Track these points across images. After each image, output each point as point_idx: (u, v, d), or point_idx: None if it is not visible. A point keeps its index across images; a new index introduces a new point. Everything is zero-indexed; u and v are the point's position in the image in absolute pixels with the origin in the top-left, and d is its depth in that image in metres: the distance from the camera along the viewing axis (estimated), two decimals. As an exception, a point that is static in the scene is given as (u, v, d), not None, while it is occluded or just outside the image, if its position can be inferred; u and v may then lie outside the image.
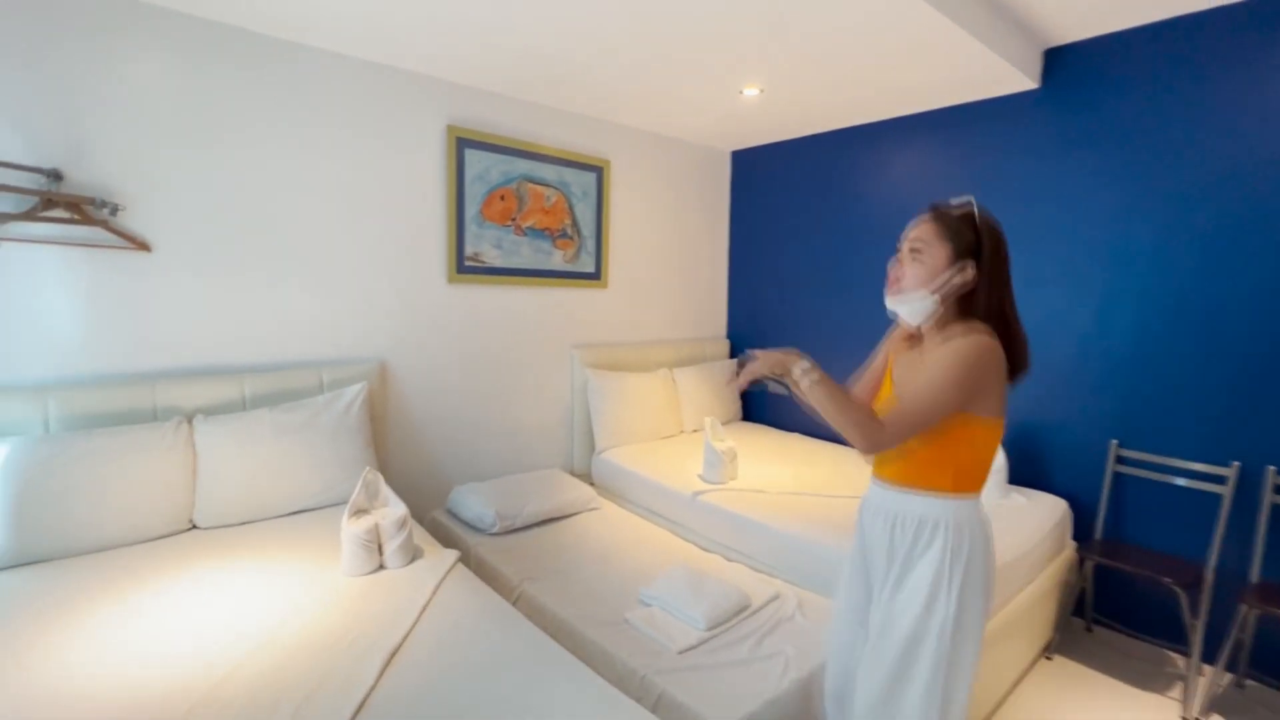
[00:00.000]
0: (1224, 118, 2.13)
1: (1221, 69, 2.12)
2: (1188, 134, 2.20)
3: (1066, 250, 2.51)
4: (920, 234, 1.25)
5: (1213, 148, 2.16)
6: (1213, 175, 2.16)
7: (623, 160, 3.30)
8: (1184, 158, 2.22)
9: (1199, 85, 2.17)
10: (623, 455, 3.00)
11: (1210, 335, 2.19)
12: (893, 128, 3.06)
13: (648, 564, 2.16)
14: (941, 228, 1.24)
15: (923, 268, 1.24)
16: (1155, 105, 2.27)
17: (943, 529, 1.24)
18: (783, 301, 3.66)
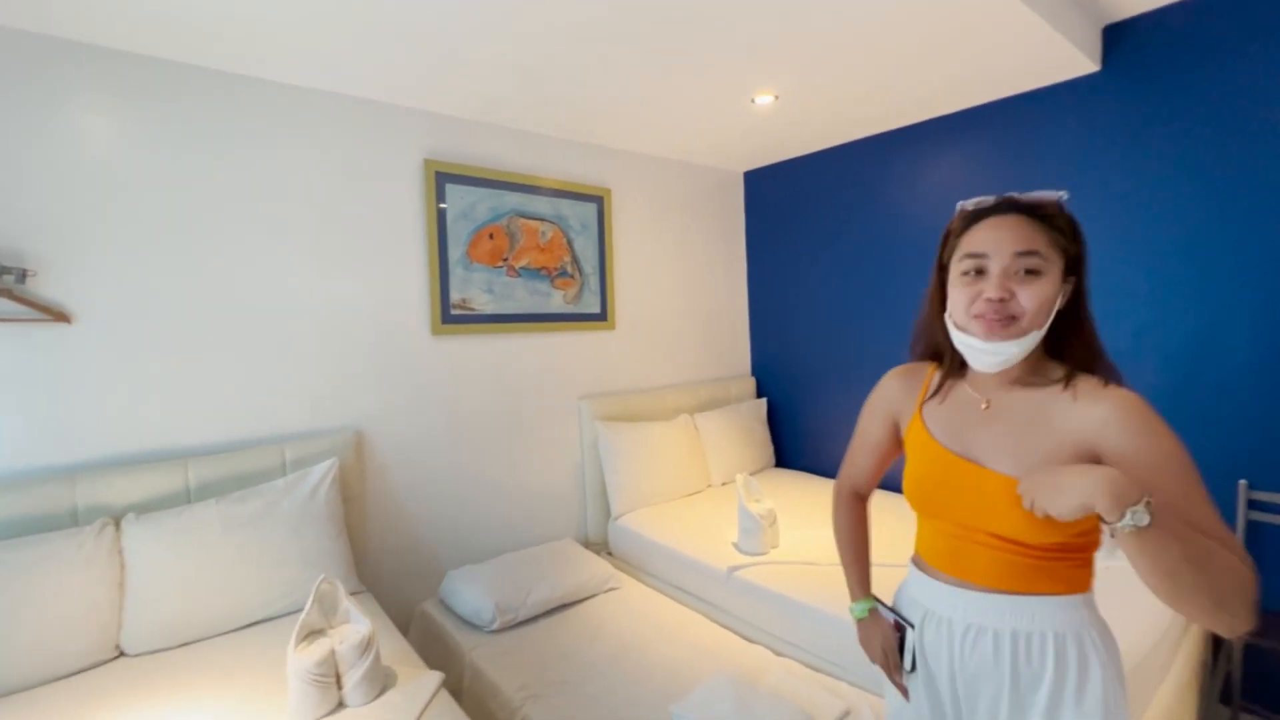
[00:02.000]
0: (1346, 83, 1.75)
1: (1336, 26, 1.76)
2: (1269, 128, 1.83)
3: (1147, 256, 2.12)
4: (1035, 243, 0.85)
5: (1335, 120, 1.78)
6: (1339, 152, 1.78)
7: (625, 188, 2.99)
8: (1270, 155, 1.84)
9: (1308, 48, 1.80)
10: (644, 520, 2.60)
11: (1357, 346, 1.77)
12: (929, 130, 2.72)
13: (678, 664, 1.76)
14: (1055, 235, 0.86)
15: (1045, 290, 0.84)
16: (1237, 79, 1.90)
17: (1094, 641, 0.87)
18: (811, 332, 3.28)
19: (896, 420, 1.08)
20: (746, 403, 3.36)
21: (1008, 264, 0.85)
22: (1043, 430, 0.87)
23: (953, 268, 0.92)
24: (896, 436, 1.09)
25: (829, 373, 3.21)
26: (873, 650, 1.08)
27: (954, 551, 0.93)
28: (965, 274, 0.89)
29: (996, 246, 0.86)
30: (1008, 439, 0.89)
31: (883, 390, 1.10)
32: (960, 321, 0.90)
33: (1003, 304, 0.85)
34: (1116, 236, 2.18)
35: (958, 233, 0.93)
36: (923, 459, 0.98)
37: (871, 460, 1.13)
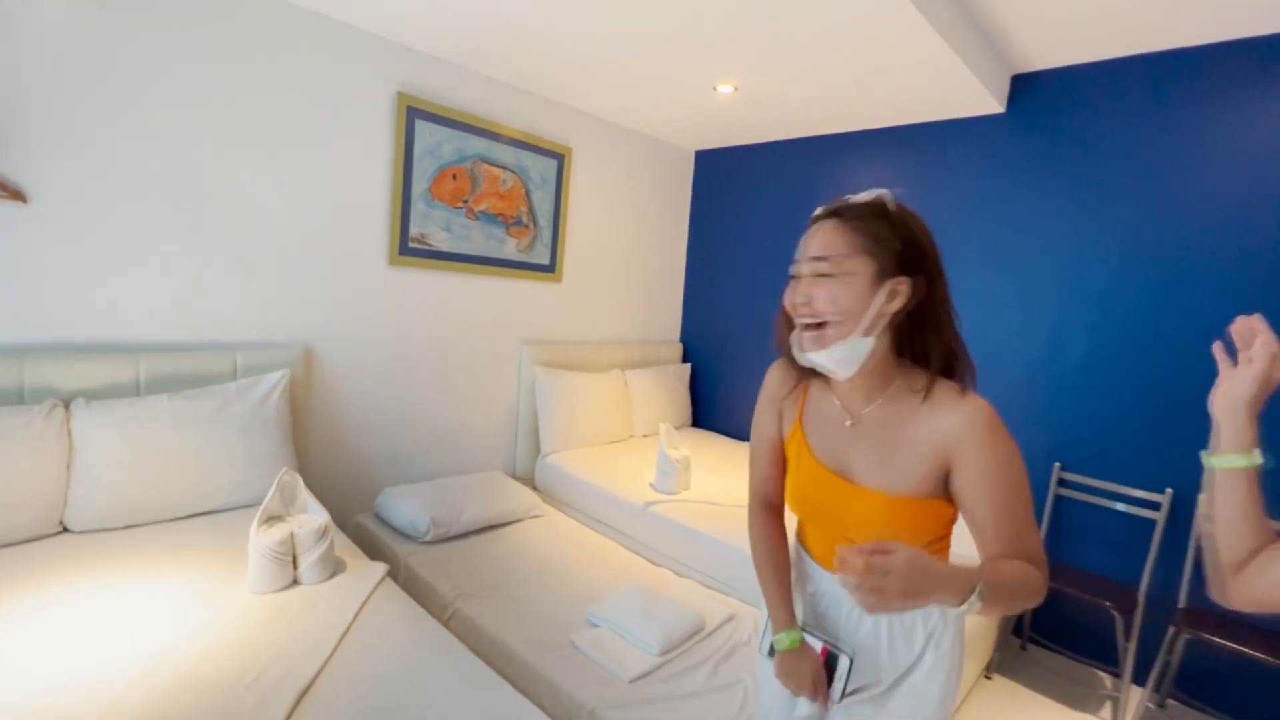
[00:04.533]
0: (1176, 157, 2.20)
1: (1176, 110, 2.19)
2: (1141, 170, 2.27)
3: (1026, 274, 2.54)
4: (831, 247, 0.86)
5: (1163, 186, 2.22)
6: (1161, 212, 2.23)
7: (585, 149, 3.14)
8: (1136, 193, 2.28)
9: (1154, 123, 2.23)
10: (570, 460, 2.84)
11: (1151, 366, 2.26)
12: (862, 140, 3.04)
13: (595, 579, 2.02)
14: (861, 239, 0.85)
15: (838, 291, 0.85)
16: (1113, 139, 2.33)
17: (951, 626, 0.95)
18: (738, 310, 3.60)
19: (781, 416, 1.05)
20: (673, 366, 3.65)
21: (805, 269, 0.88)
22: (905, 443, 0.88)
23: None
24: (782, 435, 1.06)
25: (749, 348, 3.54)
26: (800, 680, 0.96)
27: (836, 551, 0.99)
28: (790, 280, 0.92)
29: (802, 252, 0.90)
30: (875, 455, 0.91)
31: (768, 386, 1.06)
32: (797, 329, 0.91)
33: (806, 307, 0.87)
34: (1000, 254, 2.60)
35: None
36: (803, 470, 0.98)
37: (773, 465, 1.07)
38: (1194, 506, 2.15)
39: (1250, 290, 2.07)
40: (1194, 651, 2.13)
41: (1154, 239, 2.25)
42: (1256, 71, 2.04)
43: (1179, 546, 2.19)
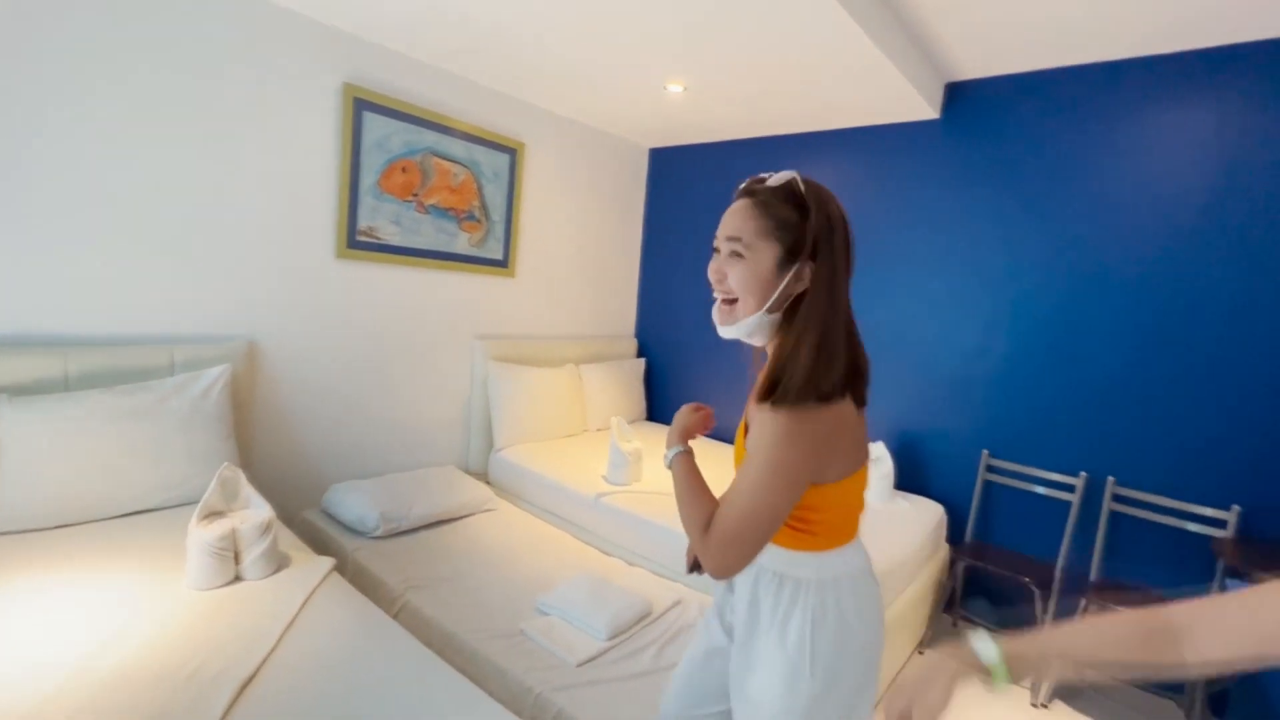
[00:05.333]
0: (1094, 165, 2.37)
1: (1094, 120, 2.35)
2: (1063, 176, 2.43)
3: (959, 274, 2.69)
4: (742, 229, 0.90)
5: (1082, 191, 2.39)
6: (1080, 217, 2.40)
7: (539, 145, 3.15)
8: (1058, 198, 2.44)
9: (1075, 133, 2.40)
10: (523, 454, 2.86)
11: (1068, 360, 2.43)
12: (808, 142, 3.15)
13: (546, 569, 2.06)
14: (767, 221, 0.89)
15: (745, 271, 0.90)
16: (1038, 146, 2.48)
17: (808, 589, 0.95)
18: (692, 304, 3.67)
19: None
20: (628, 361, 3.70)
21: (722, 246, 0.93)
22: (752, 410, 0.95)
23: None
24: None
25: (702, 343, 3.62)
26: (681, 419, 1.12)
27: None
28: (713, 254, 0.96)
29: (721, 231, 0.94)
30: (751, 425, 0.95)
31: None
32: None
33: (721, 284, 0.94)
34: (935, 255, 2.74)
35: None
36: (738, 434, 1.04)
37: None
38: (1104, 488, 2.33)
39: (1156, 289, 2.25)
40: (1103, 621, 2.31)
41: (1074, 242, 2.42)
42: (1167, 87, 2.22)
43: (1091, 525, 2.37)
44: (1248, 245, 2.08)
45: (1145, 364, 2.28)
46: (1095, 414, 2.38)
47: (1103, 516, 2.32)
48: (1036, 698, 2.22)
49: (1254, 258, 2.07)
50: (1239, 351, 2.10)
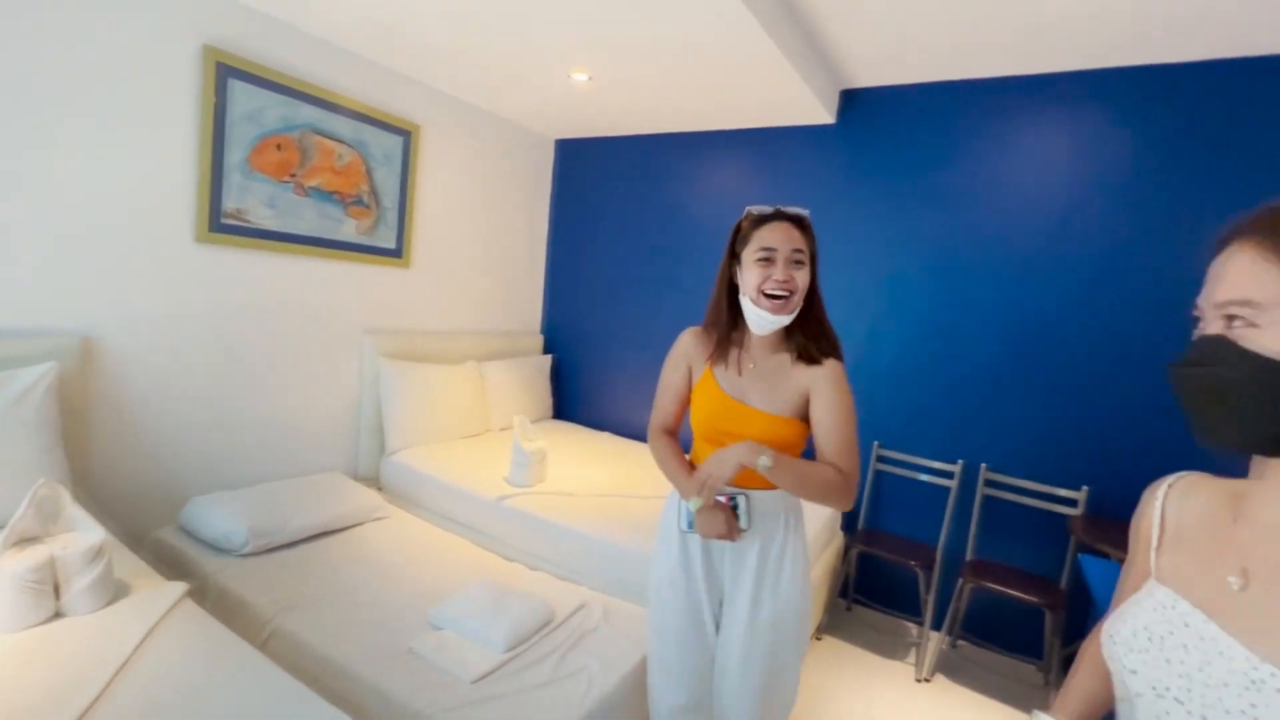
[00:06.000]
0: (971, 174, 2.55)
1: (971, 131, 2.53)
2: (944, 184, 2.60)
3: (851, 274, 2.81)
4: (801, 243, 1.25)
5: (960, 199, 2.57)
6: (958, 220, 2.58)
7: (436, 128, 2.97)
8: (940, 204, 2.61)
9: (954, 142, 2.57)
10: (419, 457, 2.69)
11: (948, 355, 2.61)
12: (714, 140, 3.18)
13: (441, 580, 1.93)
14: (808, 239, 1.27)
15: (808, 277, 1.26)
16: (924, 154, 2.64)
17: (798, 514, 1.37)
18: (601, 300, 3.62)
19: (691, 369, 1.39)
20: (533, 357, 3.59)
21: (788, 256, 1.23)
22: (787, 382, 1.30)
23: (746, 256, 1.26)
24: (690, 382, 1.40)
25: (612, 340, 3.58)
26: (717, 527, 1.26)
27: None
28: (759, 261, 1.24)
29: (781, 244, 1.23)
30: (766, 388, 1.30)
31: (682, 347, 1.41)
32: (754, 297, 1.24)
33: (786, 283, 1.23)
34: (829, 255, 2.82)
35: (748, 231, 1.28)
36: (713, 401, 1.33)
37: (676, 404, 1.43)
38: (978, 474, 2.52)
39: (1020, 290, 2.46)
40: (976, 597, 2.50)
41: (952, 245, 2.59)
42: (1035, 104, 2.42)
43: (967, 509, 2.55)
44: (1096, 251, 2.32)
45: (1011, 359, 2.48)
46: (970, 405, 2.57)
47: (977, 501, 2.51)
48: (920, 673, 2.36)
49: (1101, 263, 2.30)
50: (1088, 347, 2.34)
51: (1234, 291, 0.55)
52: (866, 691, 2.24)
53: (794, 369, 1.29)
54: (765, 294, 1.23)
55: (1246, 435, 0.55)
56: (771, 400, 1.29)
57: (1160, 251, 2.20)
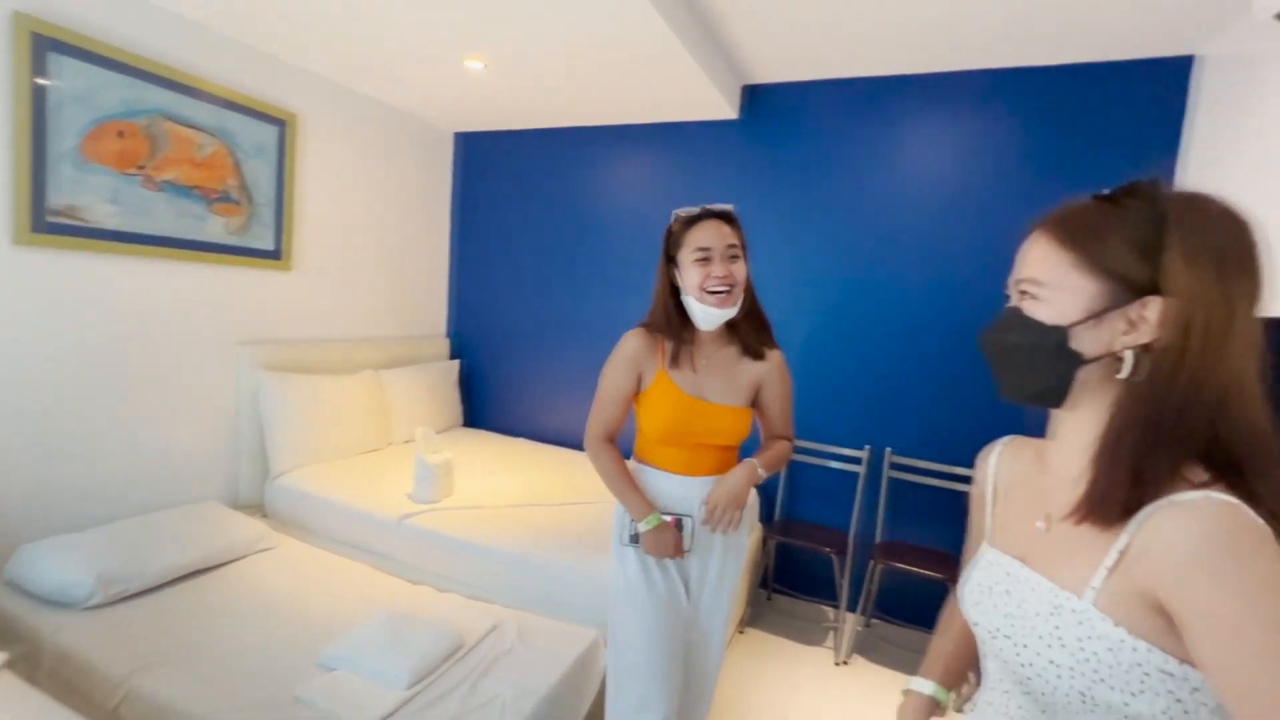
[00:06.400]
0: (870, 167, 2.63)
1: (871, 126, 2.62)
2: (846, 176, 2.67)
3: (759, 267, 2.81)
4: (734, 238, 1.31)
5: (862, 190, 2.65)
6: (861, 213, 2.66)
7: (318, 118, 2.72)
8: (842, 196, 2.69)
9: (855, 137, 2.64)
10: (310, 478, 2.45)
11: (854, 344, 2.69)
12: (621, 134, 3.12)
13: (337, 613, 1.75)
14: (739, 233, 1.34)
15: (745, 270, 1.32)
16: (825, 148, 2.70)
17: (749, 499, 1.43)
18: (512, 300, 3.47)
19: (641, 374, 1.37)
20: (439, 363, 3.39)
21: (723, 251, 1.29)
22: (738, 375, 1.39)
23: (683, 258, 1.30)
24: (637, 388, 1.39)
25: (526, 342, 3.44)
26: (665, 546, 1.33)
27: (688, 460, 1.38)
28: (697, 261, 1.28)
29: (715, 241, 1.28)
30: (721, 382, 1.37)
31: (629, 351, 1.37)
32: (697, 295, 1.29)
33: (726, 278, 1.28)
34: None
35: (679, 232, 1.32)
36: (672, 403, 1.34)
37: (621, 409, 1.41)
38: (884, 458, 2.62)
39: (917, 281, 2.57)
40: (888, 577, 2.60)
41: (854, 236, 2.67)
42: (922, 100, 2.53)
43: (876, 493, 2.65)
44: (983, 240, 2.46)
45: (912, 346, 2.59)
46: (875, 392, 2.67)
47: (884, 484, 2.61)
48: (839, 656, 2.42)
49: (988, 251, 2.44)
50: (977, 333, 2.48)
51: (1027, 271, 0.64)
52: (788, 680, 2.26)
53: (742, 361, 1.38)
54: (708, 291, 1.27)
55: (1027, 390, 0.64)
56: (729, 393, 1.37)
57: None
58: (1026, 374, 0.63)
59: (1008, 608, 0.64)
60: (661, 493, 1.38)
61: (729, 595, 1.46)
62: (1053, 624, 0.59)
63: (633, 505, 1.36)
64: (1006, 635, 0.63)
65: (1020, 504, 0.71)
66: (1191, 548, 0.50)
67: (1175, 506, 0.52)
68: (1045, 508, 0.66)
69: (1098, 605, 0.56)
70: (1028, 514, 0.69)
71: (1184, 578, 0.50)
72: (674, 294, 1.35)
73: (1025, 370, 0.63)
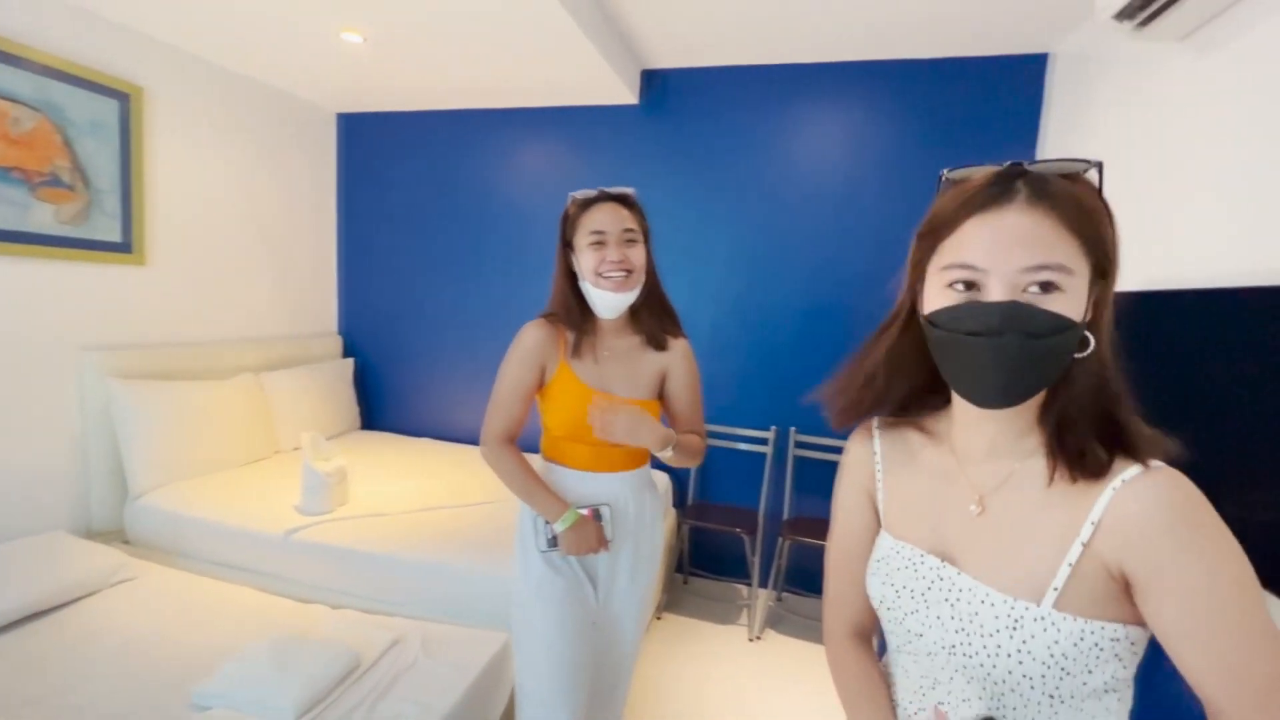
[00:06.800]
0: (769, 156, 2.68)
1: (767, 113, 2.66)
2: (744, 162, 2.71)
3: (661, 253, 2.81)
4: (630, 221, 1.26)
5: (759, 176, 2.70)
6: (759, 199, 2.71)
7: (173, 94, 2.41)
8: (741, 182, 2.73)
9: (751, 123, 2.68)
10: (177, 496, 2.19)
11: (758, 328, 2.76)
12: (518, 118, 3.00)
13: (212, 646, 1.58)
14: (638, 216, 1.29)
15: (644, 253, 1.28)
16: (725, 136, 2.72)
17: (655, 494, 1.43)
18: (410, 292, 3.27)
19: (544, 367, 1.30)
20: (330, 362, 3.15)
21: (619, 236, 1.23)
22: (643, 365, 1.34)
23: (579, 242, 1.24)
24: (540, 382, 1.31)
25: (427, 336, 3.26)
26: (587, 541, 1.28)
27: (596, 456, 1.32)
28: (591, 245, 1.23)
29: (610, 225, 1.23)
30: (625, 373, 1.32)
31: (529, 343, 1.28)
32: (593, 280, 1.23)
33: (621, 263, 1.23)
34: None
35: (575, 216, 1.26)
36: (575, 396, 1.27)
37: (523, 406, 1.32)
38: (789, 438, 2.71)
39: (818, 260, 2.66)
40: (795, 552, 2.70)
41: (755, 220, 2.72)
42: (815, 88, 2.60)
43: (782, 472, 2.74)
44: (875, 225, 2.58)
45: (811, 328, 2.69)
46: (778, 374, 2.75)
47: (790, 463, 2.70)
48: (752, 632, 2.49)
49: (879, 237, 2.57)
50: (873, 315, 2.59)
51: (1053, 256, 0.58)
52: (703, 659, 2.30)
53: (646, 351, 1.34)
54: (603, 275, 1.23)
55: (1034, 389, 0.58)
56: (633, 385, 1.32)
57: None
58: (1041, 377, 0.56)
59: (958, 622, 0.60)
60: (572, 491, 1.32)
61: (642, 593, 1.41)
62: (1018, 640, 0.56)
63: (545, 506, 1.29)
64: (966, 654, 0.59)
65: (924, 488, 0.68)
66: (1162, 517, 0.52)
67: (1137, 481, 0.54)
68: (968, 490, 0.63)
69: (1059, 606, 0.55)
70: (940, 499, 0.65)
71: (1156, 547, 0.52)
72: (573, 281, 1.29)
73: (1043, 373, 0.56)
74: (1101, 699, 0.56)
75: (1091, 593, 0.55)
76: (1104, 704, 0.57)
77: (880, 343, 0.69)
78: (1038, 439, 0.61)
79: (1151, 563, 0.52)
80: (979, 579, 0.60)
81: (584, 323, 1.30)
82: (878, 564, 0.70)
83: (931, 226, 0.61)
